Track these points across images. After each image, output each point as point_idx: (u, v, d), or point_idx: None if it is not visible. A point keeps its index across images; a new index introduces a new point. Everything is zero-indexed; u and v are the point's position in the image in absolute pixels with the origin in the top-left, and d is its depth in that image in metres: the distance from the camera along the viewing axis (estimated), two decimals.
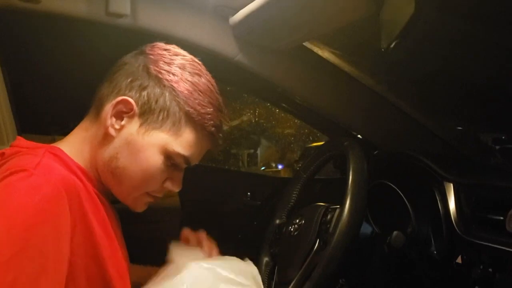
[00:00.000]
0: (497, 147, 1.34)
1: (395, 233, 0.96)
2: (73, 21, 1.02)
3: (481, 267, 0.93)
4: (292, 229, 1.01)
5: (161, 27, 1.06)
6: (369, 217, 1.12)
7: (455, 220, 0.99)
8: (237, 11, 1.09)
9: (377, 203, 1.07)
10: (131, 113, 0.75)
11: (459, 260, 1.01)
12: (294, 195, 1.14)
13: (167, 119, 0.76)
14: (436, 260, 1.03)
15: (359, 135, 1.41)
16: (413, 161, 1.15)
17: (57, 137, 0.82)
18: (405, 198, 1.12)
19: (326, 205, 0.96)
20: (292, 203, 1.14)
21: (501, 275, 0.90)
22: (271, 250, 1.10)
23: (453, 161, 1.27)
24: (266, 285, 1.06)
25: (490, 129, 1.43)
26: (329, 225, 0.89)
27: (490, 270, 0.92)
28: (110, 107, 0.75)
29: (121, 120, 0.76)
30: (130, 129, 0.76)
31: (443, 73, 1.19)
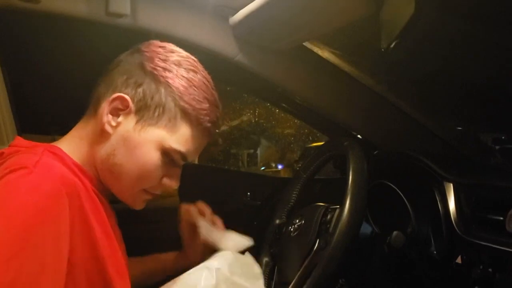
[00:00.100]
0: (497, 147, 1.34)
1: (395, 233, 0.96)
2: (73, 21, 1.02)
3: (481, 267, 0.93)
4: (292, 229, 1.02)
5: (161, 27, 1.06)
6: (369, 217, 1.13)
7: (455, 220, 0.99)
8: (237, 11, 1.09)
9: (377, 203, 1.07)
10: (127, 110, 0.76)
11: (459, 260, 1.01)
12: (294, 195, 1.14)
13: (163, 115, 0.76)
14: (436, 260, 1.03)
15: (359, 135, 1.41)
16: (413, 161, 1.15)
17: (57, 137, 0.82)
18: (405, 198, 1.12)
19: (326, 205, 0.96)
20: (292, 203, 1.14)
21: (501, 275, 0.90)
22: (271, 250, 1.10)
23: (453, 161, 1.27)
24: (266, 285, 1.06)
25: (490, 129, 1.43)
26: (329, 225, 0.89)
27: (490, 270, 0.92)
28: (106, 104, 0.76)
29: (117, 117, 0.76)
30: (126, 126, 0.76)
31: (443, 73, 1.19)
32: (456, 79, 1.23)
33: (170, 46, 0.81)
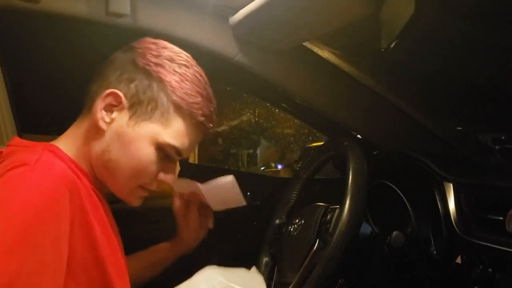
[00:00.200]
0: (497, 147, 1.34)
1: (395, 233, 0.96)
2: (73, 21, 1.02)
3: (481, 267, 0.93)
4: (292, 229, 1.02)
5: (161, 27, 1.06)
6: (369, 217, 1.12)
7: (454, 220, 0.99)
8: (237, 11, 1.09)
9: (377, 203, 1.07)
10: (120, 106, 0.76)
11: (458, 260, 1.01)
12: (293, 195, 1.14)
13: (155, 110, 0.76)
14: (436, 260, 1.03)
15: (359, 135, 1.41)
16: (413, 161, 1.15)
17: (56, 137, 0.83)
18: (405, 198, 1.12)
19: (325, 205, 0.96)
20: (292, 203, 1.14)
21: (501, 275, 0.90)
22: (271, 250, 1.10)
23: (453, 161, 1.27)
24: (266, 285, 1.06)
25: (490, 129, 1.43)
26: (329, 225, 0.89)
27: (489, 270, 0.92)
28: (99, 100, 0.76)
29: (111, 113, 0.77)
30: (120, 121, 0.76)
31: (443, 73, 1.19)
32: (456, 79, 1.22)
33: (162, 42, 0.82)
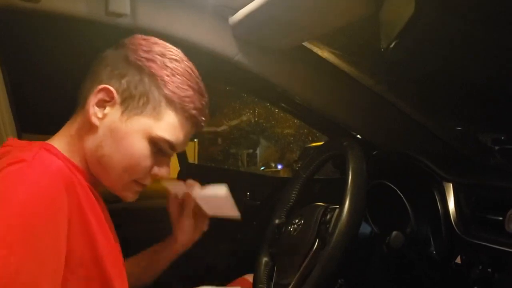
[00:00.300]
0: (497, 147, 1.35)
1: (394, 233, 0.96)
2: (73, 21, 1.02)
3: (480, 267, 0.93)
4: (291, 229, 1.02)
5: (160, 26, 1.07)
6: (368, 217, 1.12)
7: (454, 220, 0.99)
8: (237, 11, 1.09)
9: (376, 203, 1.07)
10: (113, 101, 0.76)
11: (458, 260, 1.01)
12: (293, 195, 1.14)
13: (147, 104, 0.77)
14: (435, 260, 1.04)
15: (358, 135, 1.41)
16: (413, 161, 1.15)
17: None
18: (404, 198, 1.12)
19: (325, 205, 0.96)
20: (291, 203, 1.14)
21: (500, 275, 0.90)
22: (271, 250, 1.10)
23: (452, 161, 1.27)
24: (265, 285, 1.06)
25: (490, 129, 1.43)
26: (328, 225, 0.89)
27: (489, 270, 0.92)
28: (92, 96, 0.77)
29: (103, 108, 0.77)
30: (112, 117, 0.77)
31: (443, 73, 1.19)
32: (456, 79, 1.22)
33: (153, 38, 0.82)
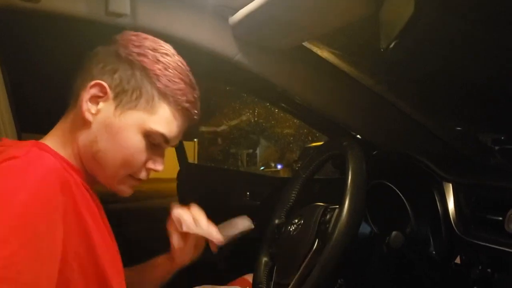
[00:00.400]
0: (497, 147, 1.35)
1: (394, 233, 0.96)
2: (73, 21, 1.02)
3: (480, 267, 0.93)
4: (291, 229, 1.02)
5: (160, 26, 1.07)
6: (368, 217, 1.12)
7: (454, 220, 0.99)
8: (236, 11, 1.09)
9: (376, 203, 1.07)
10: (106, 96, 0.77)
11: (458, 260, 1.01)
12: (293, 195, 1.14)
13: (140, 98, 0.77)
14: (435, 260, 1.04)
15: (358, 135, 1.41)
16: (413, 161, 1.15)
17: None
18: (404, 198, 1.12)
19: (325, 205, 0.96)
20: (291, 203, 1.14)
21: (500, 275, 0.90)
22: (270, 250, 1.10)
23: (452, 161, 1.27)
24: (265, 285, 1.06)
25: (490, 129, 1.43)
26: (328, 225, 0.89)
27: (489, 270, 0.92)
28: (84, 93, 0.77)
29: (96, 104, 0.77)
30: (106, 112, 0.77)
31: (443, 73, 1.19)
32: (456, 79, 1.22)
33: (143, 34, 0.83)
